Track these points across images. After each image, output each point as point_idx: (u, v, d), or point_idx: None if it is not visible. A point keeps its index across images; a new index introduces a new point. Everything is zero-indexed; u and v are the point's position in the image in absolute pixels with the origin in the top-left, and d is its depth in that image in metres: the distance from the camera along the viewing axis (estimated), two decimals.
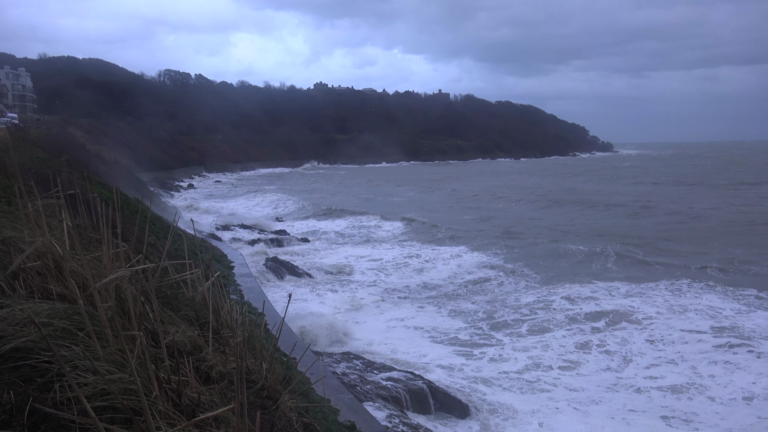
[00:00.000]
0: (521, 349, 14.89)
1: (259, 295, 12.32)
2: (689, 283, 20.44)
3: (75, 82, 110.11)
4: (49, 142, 26.37)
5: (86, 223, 5.42)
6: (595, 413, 11.48)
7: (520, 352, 14.72)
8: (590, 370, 13.64)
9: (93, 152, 32.53)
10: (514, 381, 12.98)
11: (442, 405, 10.74)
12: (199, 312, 4.59)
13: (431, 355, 14.27)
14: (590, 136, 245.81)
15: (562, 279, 21.89)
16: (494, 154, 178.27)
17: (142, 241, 5.53)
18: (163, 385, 2.58)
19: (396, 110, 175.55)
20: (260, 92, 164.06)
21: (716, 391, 12.33)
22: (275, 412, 3.71)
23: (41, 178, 9.45)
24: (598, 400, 12.07)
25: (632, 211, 42.15)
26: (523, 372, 13.47)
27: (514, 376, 13.25)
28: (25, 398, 2.20)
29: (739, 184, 63.99)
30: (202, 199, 56.62)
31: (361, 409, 7.50)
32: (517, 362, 14.04)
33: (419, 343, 15.42)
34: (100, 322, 2.82)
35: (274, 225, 36.84)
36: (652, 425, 10.99)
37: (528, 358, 14.31)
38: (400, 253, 27.61)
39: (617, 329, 16.15)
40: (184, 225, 22.02)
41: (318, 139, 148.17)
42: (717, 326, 16.02)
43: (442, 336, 16.03)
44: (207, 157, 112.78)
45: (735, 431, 10.77)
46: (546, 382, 12.91)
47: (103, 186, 14.86)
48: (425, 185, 72.27)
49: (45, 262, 3.24)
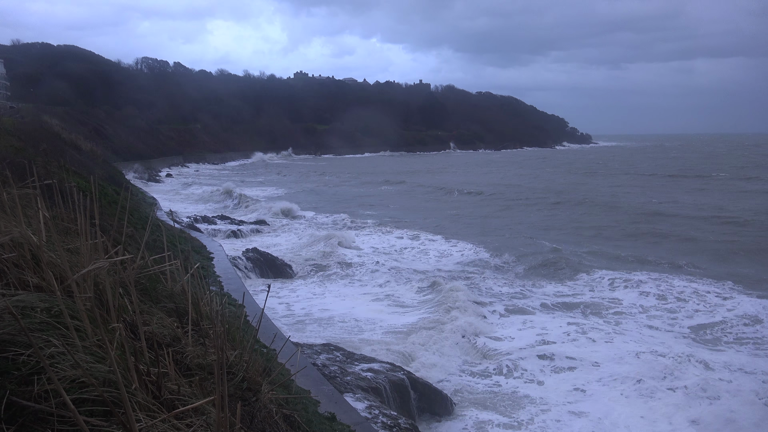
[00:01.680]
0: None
1: (239, 286, 12.27)
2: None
3: (50, 69, 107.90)
4: (24, 131, 25.87)
5: (63, 214, 5.34)
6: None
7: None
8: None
9: (69, 141, 31.97)
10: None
11: (422, 396, 10.81)
12: (178, 304, 4.57)
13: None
14: (569, 127, 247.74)
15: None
16: (475, 146, 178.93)
17: (120, 231, 5.47)
18: (142, 377, 2.57)
19: (377, 100, 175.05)
20: (240, 81, 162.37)
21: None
22: (255, 404, 3.71)
23: (16, 167, 9.29)
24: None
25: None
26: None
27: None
28: (2, 391, 2.18)
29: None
30: (181, 189, 56.07)
31: (341, 400, 7.53)
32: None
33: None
34: (78, 314, 2.80)
35: (250, 216, 36.66)
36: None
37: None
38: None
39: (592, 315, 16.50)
40: (162, 216, 21.81)
41: (298, 129, 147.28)
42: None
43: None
44: (186, 146, 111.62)
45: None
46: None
47: (79, 176, 14.63)
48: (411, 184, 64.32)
49: (21, 253, 3.19)
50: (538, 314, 16.95)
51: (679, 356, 13.20)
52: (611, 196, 46.91)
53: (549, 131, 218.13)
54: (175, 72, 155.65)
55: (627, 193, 50.17)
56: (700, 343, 14.94)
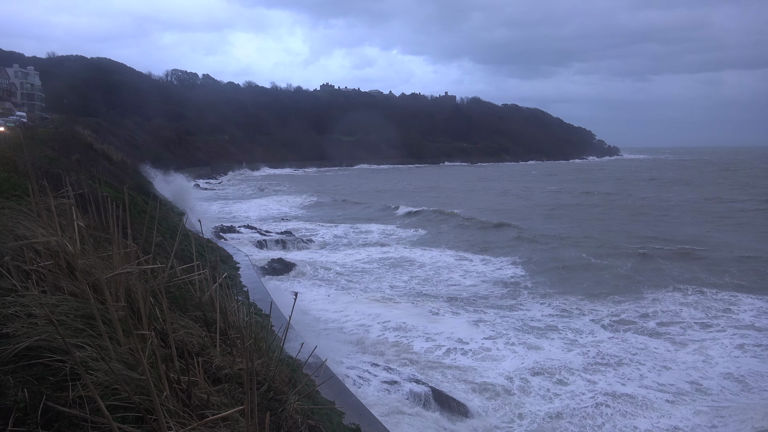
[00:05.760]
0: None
1: (265, 296, 12.35)
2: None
3: (83, 81, 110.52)
4: (57, 141, 26.48)
5: (96, 223, 5.46)
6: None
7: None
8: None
9: (100, 151, 32.62)
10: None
11: (444, 409, 10.74)
12: (206, 313, 4.62)
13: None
14: (596, 140, 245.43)
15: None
16: (500, 158, 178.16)
17: (150, 241, 5.55)
18: (173, 385, 2.61)
19: (402, 113, 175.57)
20: (267, 93, 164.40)
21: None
22: (281, 414, 3.73)
23: (50, 176, 9.51)
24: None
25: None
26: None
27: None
28: (39, 396, 2.23)
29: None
30: (209, 199, 56.81)
31: (366, 412, 7.52)
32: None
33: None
34: (111, 322, 2.85)
35: (280, 226, 36.93)
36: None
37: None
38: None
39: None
40: (190, 225, 22.09)
41: (324, 140, 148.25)
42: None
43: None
44: (213, 157, 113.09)
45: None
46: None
47: (110, 186, 14.92)
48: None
49: (57, 261, 3.27)
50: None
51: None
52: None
53: (576, 143, 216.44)
54: (204, 84, 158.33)
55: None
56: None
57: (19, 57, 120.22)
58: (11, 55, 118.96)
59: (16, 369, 2.37)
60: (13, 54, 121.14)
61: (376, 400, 10.09)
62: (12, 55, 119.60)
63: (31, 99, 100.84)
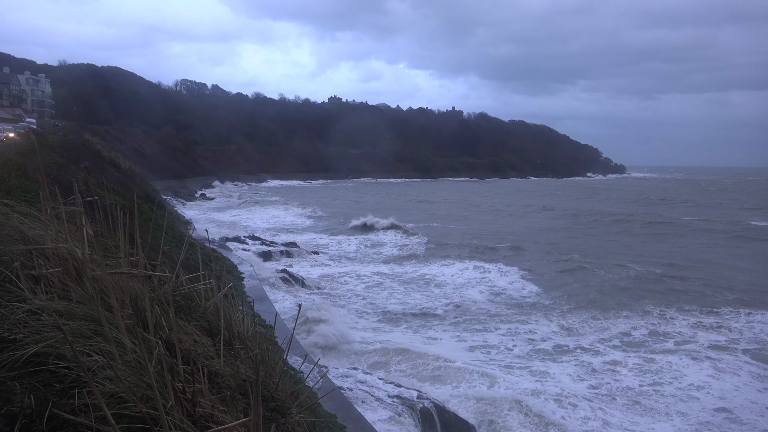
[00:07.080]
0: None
1: (269, 306, 12.34)
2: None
3: (93, 89, 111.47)
4: (66, 148, 26.66)
5: (103, 230, 5.47)
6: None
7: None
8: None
9: (108, 159, 32.81)
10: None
11: (447, 426, 10.66)
12: (211, 322, 4.62)
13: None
14: (603, 158, 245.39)
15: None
16: (506, 173, 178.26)
17: (156, 249, 5.57)
18: (178, 394, 2.60)
19: (410, 126, 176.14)
20: (275, 104, 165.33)
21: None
22: (283, 426, 3.71)
23: (59, 183, 9.55)
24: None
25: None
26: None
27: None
28: (45, 403, 2.23)
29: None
30: (215, 208, 56.97)
31: (367, 426, 7.47)
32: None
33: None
34: (118, 329, 2.86)
35: (285, 237, 36.96)
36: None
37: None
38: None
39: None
40: (196, 234, 22.12)
41: (331, 152, 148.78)
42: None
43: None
44: (220, 167, 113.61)
45: None
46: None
47: (118, 193, 14.98)
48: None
49: (66, 268, 3.28)
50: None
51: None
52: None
53: (582, 161, 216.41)
54: (213, 94, 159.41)
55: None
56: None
57: (30, 64, 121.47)
58: (23, 62, 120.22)
59: (22, 375, 2.37)
60: (25, 61, 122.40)
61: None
62: (24, 62, 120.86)
63: (42, 106, 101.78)
